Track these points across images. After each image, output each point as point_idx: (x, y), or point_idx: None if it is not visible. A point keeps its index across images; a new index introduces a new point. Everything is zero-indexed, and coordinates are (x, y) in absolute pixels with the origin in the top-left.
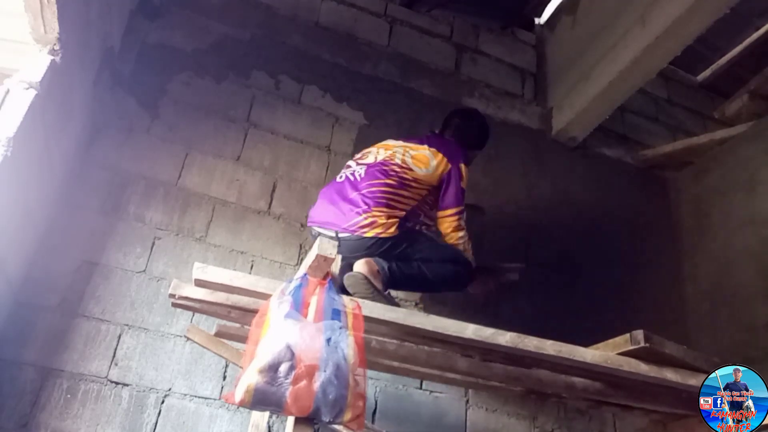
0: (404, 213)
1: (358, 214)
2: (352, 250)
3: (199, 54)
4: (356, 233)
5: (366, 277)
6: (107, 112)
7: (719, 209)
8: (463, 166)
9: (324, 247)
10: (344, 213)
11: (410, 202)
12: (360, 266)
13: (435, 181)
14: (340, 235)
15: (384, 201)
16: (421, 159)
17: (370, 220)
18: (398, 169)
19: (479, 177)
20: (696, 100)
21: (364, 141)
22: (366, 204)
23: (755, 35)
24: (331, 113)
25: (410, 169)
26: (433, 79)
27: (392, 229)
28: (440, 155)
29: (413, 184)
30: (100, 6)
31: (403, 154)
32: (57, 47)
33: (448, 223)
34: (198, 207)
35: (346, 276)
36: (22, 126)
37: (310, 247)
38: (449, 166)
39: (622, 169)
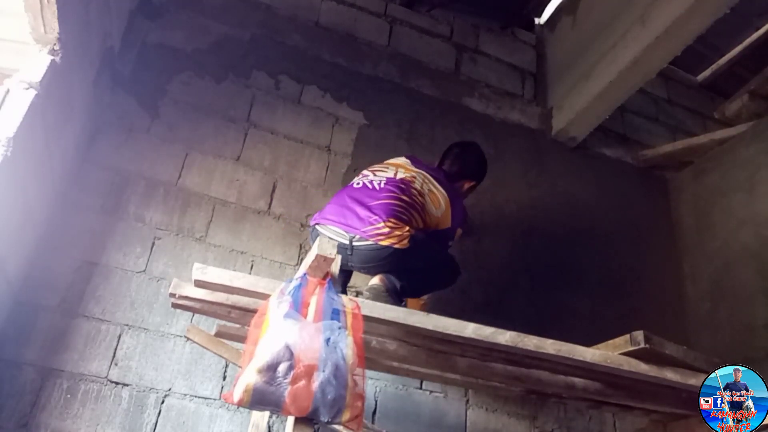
0: (413, 228)
1: (377, 221)
2: (364, 260)
3: (199, 54)
4: (372, 239)
5: (388, 290)
6: (107, 112)
7: (719, 209)
8: (459, 230)
9: (324, 247)
10: (361, 218)
11: (416, 224)
12: (377, 281)
13: (434, 226)
14: (355, 243)
15: (399, 214)
16: (437, 200)
17: (387, 229)
18: (416, 193)
19: None
20: (696, 100)
21: (364, 141)
22: (384, 213)
23: (755, 35)
24: (331, 113)
25: (424, 200)
26: (433, 79)
27: (405, 242)
28: (449, 211)
29: (423, 213)
30: (100, 6)
31: (423, 183)
32: (57, 47)
33: None
34: (198, 207)
35: (368, 288)
36: (22, 126)
37: (310, 247)
38: (448, 224)
39: (622, 169)
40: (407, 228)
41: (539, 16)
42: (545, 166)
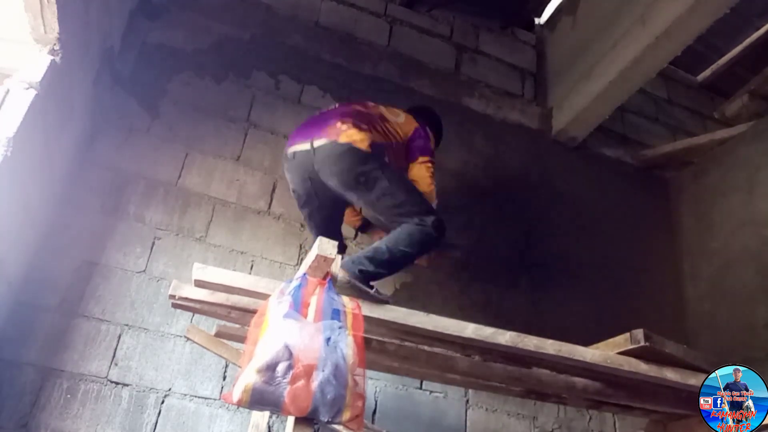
0: (376, 138)
1: (334, 123)
2: (325, 160)
3: (199, 54)
4: (330, 138)
5: (350, 281)
6: (107, 112)
7: (719, 209)
8: (430, 132)
9: (324, 247)
10: (320, 126)
11: (379, 136)
12: (341, 275)
13: (402, 133)
14: (315, 142)
15: (359, 119)
16: (392, 110)
17: (344, 127)
18: (372, 106)
19: (479, 177)
20: (696, 100)
21: None
22: (341, 116)
23: (755, 35)
24: None
25: (383, 111)
26: (433, 79)
27: (365, 145)
28: (409, 115)
29: (385, 122)
30: (100, 6)
31: (375, 104)
32: (57, 47)
33: (422, 171)
34: (198, 207)
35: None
36: (22, 126)
37: (310, 247)
38: (416, 125)
39: (622, 169)
40: (368, 133)
41: (539, 16)
42: (545, 166)
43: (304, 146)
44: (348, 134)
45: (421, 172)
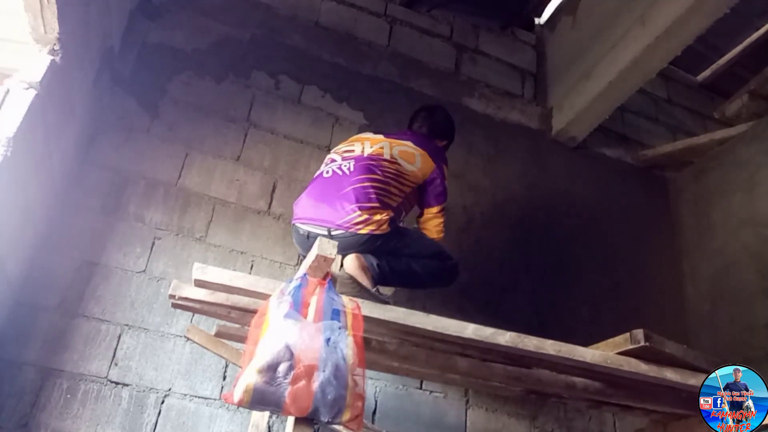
0: (393, 210)
1: (353, 210)
2: (344, 247)
3: (199, 54)
4: (350, 230)
5: (352, 277)
6: (107, 112)
7: (719, 209)
8: (444, 167)
9: (324, 247)
10: (337, 210)
11: (397, 199)
12: (349, 262)
13: (420, 179)
14: (333, 232)
15: (376, 197)
16: (408, 154)
17: (364, 216)
18: (387, 165)
19: (479, 177)
20: (696, 100)
21: None
22: (359, 200)
23: (755, 35)
24: (331, 113)
25: (399, 164)
26: (433, 79)
27: (385, 226)
28: (425, 154)
29: (401, 179)
30: (100, 6)
31: (391, 149)
32: (57, 47)
33: (436, 221)
34: (198, 207)
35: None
36: (22, 126)
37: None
38: (434, 165)
39: (622, 169)
40: (386, 212)
41: (539, 16)
42: (545, 166)
43: (320, 231)
44: (368, 226)
45: (435, 221)
